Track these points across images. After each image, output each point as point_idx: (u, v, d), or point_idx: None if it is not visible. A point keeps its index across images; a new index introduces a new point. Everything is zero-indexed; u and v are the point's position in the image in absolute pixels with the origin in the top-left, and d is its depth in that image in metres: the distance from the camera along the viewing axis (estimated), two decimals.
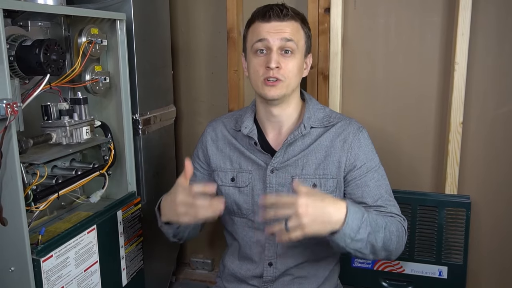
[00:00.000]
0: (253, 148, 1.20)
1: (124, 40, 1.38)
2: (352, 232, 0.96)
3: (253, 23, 1.15)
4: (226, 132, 1.26)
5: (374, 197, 1.15)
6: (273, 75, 1.11)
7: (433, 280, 1.61)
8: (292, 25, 1.13)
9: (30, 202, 1.10)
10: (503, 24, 1.54)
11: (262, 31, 1.12)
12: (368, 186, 1.16)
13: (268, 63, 1.10)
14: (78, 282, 1.20)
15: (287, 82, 1.12)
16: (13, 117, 0.97)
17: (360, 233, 0.97)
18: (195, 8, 1.92)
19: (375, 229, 1.01)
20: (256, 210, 1.20)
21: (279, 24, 1.11)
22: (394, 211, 1.15)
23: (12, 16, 1.13)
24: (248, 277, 1.24)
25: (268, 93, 1.12)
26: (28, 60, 1.08)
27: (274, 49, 1.11)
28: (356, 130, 1.18)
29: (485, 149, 1.63)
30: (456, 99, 1.56)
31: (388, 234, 1.05)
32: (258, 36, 1.12)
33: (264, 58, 1.12)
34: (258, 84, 1.14)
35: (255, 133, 1.19)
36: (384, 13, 1.66)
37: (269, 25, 1.12)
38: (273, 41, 1.11)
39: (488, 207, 1.66)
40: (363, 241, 0.99)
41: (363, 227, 0.98)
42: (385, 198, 1.16)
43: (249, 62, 1.17)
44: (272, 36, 1.11)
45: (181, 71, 1.99)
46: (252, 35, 1.15)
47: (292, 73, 1.13)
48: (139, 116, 1.57)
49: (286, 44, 1.11)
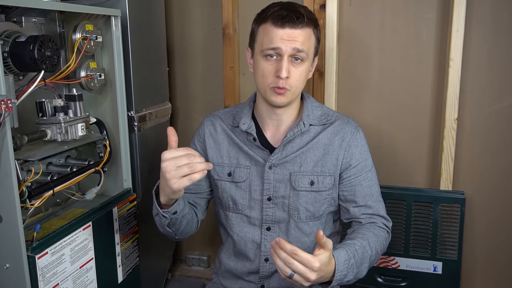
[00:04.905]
0: (252, 144, 1.20)
1: (119, 37, 1.38)
2: (340, 280, 1.00)
3: (265, 23, 1.11)
4: (224, 126, 1.26)
5: (365, 197, 1.18)
6: (282, 85, 1.09)
7: (428, 276, 1.62)
8: (305, 32, 1.10)
9: (25, 199, 1.09)
10: (498, 20, 1.55)
11: (275, 37, 1.08)
12: (361, 186, 1.19)
13: (279, 72, 1.08)
14: (74, 279, 1.20)
15: (294, 90, 1.12)
16: (8, 113, 0.97)
17: (347, 277, 1.01)
18: (190, 5, 1.91)
19: (361, 266, 1.05)
20: (253, 205, 1.21)
21: (293, 32, 1.08)
22: (380, 212, 1.20)
23: (6, 12, 1.13)
24: (244, 273, 1.25)
25: (276, 100, 1.12)
26: (22, 56, 1.07)
27: (285, 57, 1.08)
28: (354, 130, 1.20)
29: (480, 145, 1.64)
30: (451, 95, 1.57)
31: (374, 256, 1.10)
32: (271, 43, 1.08)
33: (274, 65, 1.10)
34: (266, 90, 1.12)
35: (253, 129, 1.19)
36: (379, 10, 1.66)
37: (283, 32, 1.08)
38: (285, 49, 1.08)
39: (483, 203, 1.67)
40: (351, 280, 1.04)
41: (350, 271, 1.01)
42: (375, 198, 1.20)
43: (256, 63, 1.14)
44: (285, 44, 1.07)
45: (177, 67, 1.99)
46: (263, 38, 1.11)
47: (299, 81, 1.12)
48: (134, 113, 1.56)
49: (297, 54, 1.09)
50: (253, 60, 1.16)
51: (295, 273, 0.90)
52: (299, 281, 0.92)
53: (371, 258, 1.08)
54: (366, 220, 1.18)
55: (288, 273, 0.91)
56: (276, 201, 1.19)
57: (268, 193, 1.19)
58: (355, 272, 1.02)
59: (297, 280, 0.91)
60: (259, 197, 1.20)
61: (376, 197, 1.20)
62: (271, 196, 1.19)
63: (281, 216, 1.19)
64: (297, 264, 0.90)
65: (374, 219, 1.18)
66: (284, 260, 0.91)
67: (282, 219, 1.20)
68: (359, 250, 1.05)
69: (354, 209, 1.18)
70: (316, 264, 0.90)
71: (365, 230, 1.14)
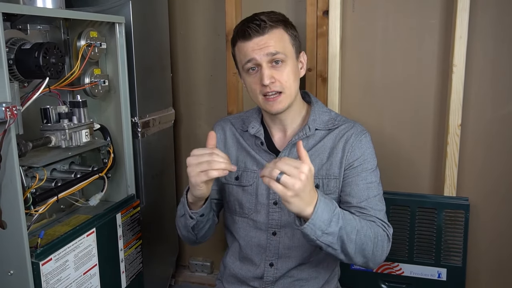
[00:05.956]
0: (259, 148, 1.21)
1: (123, 43, 1.39)
2: (323, 224, 0.94)
3: (237, 42, 1.14)
4: (234, 130, 1.28)
5: (360, 198, 1.13)
6: (270, 90, 1.11)
7: (432, 282, 1.61)
8: (274, 34, 1.11)
9: (30, 205, 1.10)
10: (501, 26, 1.55)
11: (247, 50, 1.10)
12: (358, 186, 1.14)
13: (262, 81, 1.10)
14: (77, 285, 1.20)
15: (288, 92, 1.12)
16: (13, 120, 0.97)
17: (331, 226, 0.95)
18: (194, 11, 1.92)
19: (348, 228, 0.99)
20: (259, 209, 1.21)
21: (261, 39, 1.10)
22: (378, 215, 1.12)
23: (11, 19, 1.14)
24: (248, 278, 1.25)
25: (272, 108, 1.13)
26: (27, 64, 1.08)
27: (263, 65, 1.10)
28: (359, 132, 1.19)
29: (484, 151, 1.64)
30: (454, 101, 1.56)
31: (363, 237, 1.02)
32: (246, 57, 1.11)
33: (257, 75, 1.12)
34: (259, 101, 1.14)
35: (261, 133, 1.21)
36: (382, 16, 1.66)
37: (252, 43, 1.10)
38: (260, 58, 1.09)
39: (487, 209, 1.67)
40: (334, 235, 0.97)
41: (334, 221, 0.96)
42: (372, 202, 1.13)
43: (244, 81, 1.18)
44: (258, 54, 1.09)
45: (180, 73, 1.99)
46: (239, 55, 1.14)
47: (289, 81, 1.12)
48: (138, 119, 1.57)
49: (274, 57, 1.10)
50: (242, 79, 1.19)
51: (283, 174, 0.87)
52: (288, 184, 0.87)
53: (360, 234, 1.01)
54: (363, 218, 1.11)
55: (275, 175, 0.87)
56: (282, 205, 1.18)
57: (274, 197, 1.19)
58: (340, 224, 0.96)
59: (286, 182, 0.87)
60: (266, 201, 1.20)
61: (374, 202, 1.13)
62: (277, 201, 1.19)
63: (287, 221, 1.19)
64: (285, 164, 0.88)
65: (371, 218, 1.11)
66: (272, 165, 0.89)
67: (288, 224, 1.19)
68: (346, 214, 1.01)
69: (350, 209, 1.13)
70: (305, 168, 0.88)
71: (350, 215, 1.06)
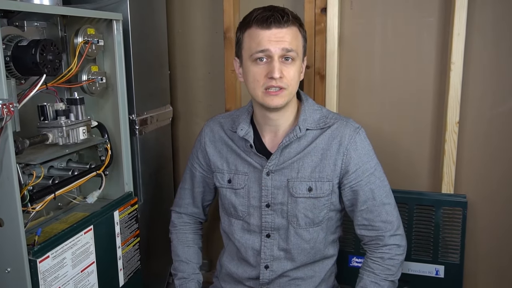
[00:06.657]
0: (249, 150, 1.19)
1: (120, 40, 1.38)
2: None
3: (250, 28, 1.09)
4: (223, 133, 1.26)
5: (366, 201, 1.16)
6: (276, 85, 1.07)
7: (430, 280, 1.61)
8: (291, 31, 1.08)
9: (27, 202, 1.09)
10: (499, 23, 1.55)
11: (263, 40, 1.06)
12: (363, 190, 1.16)
13: (271, 73, 1.06)
14: (75, 283, 1.20)
15: (290, 89, 1.10)
16: (9, 117, 0.97)
17: None
18: (191, 8, 1.92)
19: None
20: (252, 212, 1.20)
21: (280, 31, 1.06)
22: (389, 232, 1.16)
23: (8, 16, 1.13)
24: (244, 278, 1.24)
25: (271, 102, 1.09)
26: (24, 60, 1.08)
27: (275, 58, 1.06)
28: (353, 132, 1.16)
29: (482, 149, 1.64)
30: (452, 99, 1.56)
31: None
32: (259, 46, 1.07)
33: (265, 67, 1.08)
34: (258, 93, 1.10)
35: (251, 136, 1.18)
36: (380, 13, 1.66)
37: (270, 33, 1.06)
38: (275, 50, 1.06)
39: (485, 206, 1.67)
40: None
41: None
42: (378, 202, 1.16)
43: (246, 70, 1.12)
44: (273, 46, 1.06)
45: (178, 71, 1.99)
46: (250, 42, 1.09)
47: (294, 80, 1.11)
48: (136, 117, 1.57)
49: (288, 54, 1.07)
50: (242, 68, 1.14)
51: None
52: None
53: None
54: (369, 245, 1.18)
55: None
56: (275, 207, 1.18)
57: (266, 200, 1.18)
58: None
59: None
60: (258, 204, 1.19)
61: (380, 201, 1.16)
62: (269, 203, 1.18)
63: (280, 223, 1.18)
64: None
65: (383, 249, 1.16)
66: None
67: (281, 226, 1.18)
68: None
69: (356, 213, 1.17)
70: None
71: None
